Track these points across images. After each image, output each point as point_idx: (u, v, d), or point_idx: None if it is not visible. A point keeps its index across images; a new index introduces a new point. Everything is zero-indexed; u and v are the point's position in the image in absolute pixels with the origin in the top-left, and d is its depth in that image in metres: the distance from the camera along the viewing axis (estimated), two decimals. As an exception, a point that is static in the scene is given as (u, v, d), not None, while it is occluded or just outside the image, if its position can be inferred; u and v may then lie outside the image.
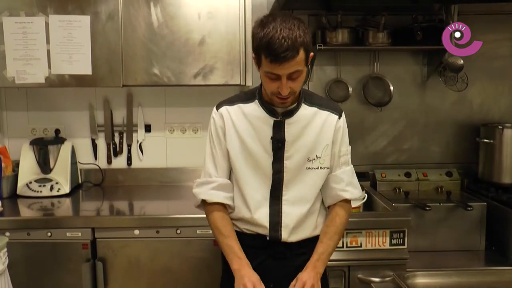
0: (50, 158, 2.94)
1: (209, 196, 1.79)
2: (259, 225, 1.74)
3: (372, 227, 2.42)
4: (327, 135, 1.74)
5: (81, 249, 2.45)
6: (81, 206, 2.85)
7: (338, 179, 1.79)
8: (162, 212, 2.57)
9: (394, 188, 3.07)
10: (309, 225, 1.78)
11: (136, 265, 2.49)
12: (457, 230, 2.74)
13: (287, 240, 1.75)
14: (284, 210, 1.74)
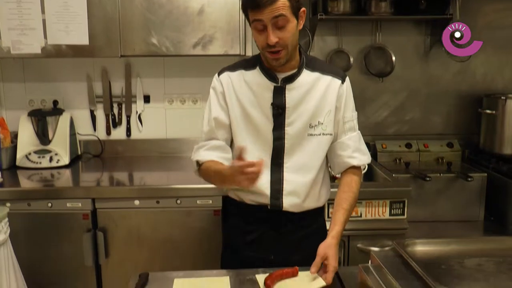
0: (48, 129, 2.94)
1: (201, 157, 1.76)
2: (260, 193, 1.74)
3: (372, 197, 2.44)
4: (329, 101, 1.73)
5: (82, 219, 2.47)
6: (81, 177, 2.86)
7: (344, 146, 1.77)
8: (162, 183, 2.59)
9: (395, 159, 3.08)
10: (313, 195, 1.78)
11: (136, 236, 2.51)
12: (456, 200, 2.77)
13: (288, 209, 1.75)
14: (286, 178, 1.73)
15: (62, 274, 2.53)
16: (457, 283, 1.06)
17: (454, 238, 1.33)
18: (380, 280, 1.21)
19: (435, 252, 1.26)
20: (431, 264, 1.15)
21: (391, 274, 1.15)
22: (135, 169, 2.99)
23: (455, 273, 1.13)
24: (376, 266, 1.27)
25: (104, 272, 2.55)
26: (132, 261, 2.52)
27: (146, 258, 2.52)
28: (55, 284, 2.54)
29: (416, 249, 1.27)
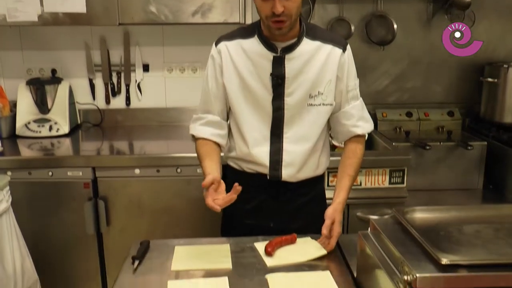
0: (47, 98, 2.92)
1: (196, 132, 1.79)
2: (259, 163, 1.74)
3: (372, 166, 2.44)
4: (330, 70, 1.70)
5: (83, 188, 2.49)
6: (81, 146, 2.86)
7: (348, 115, 1.76)
8: (162, 152, 2.59)
9: (395, 127, 3.07)
10: (312, 165, 1.78)
11: (137, 204, 2.53)
12: (456, 169, 2.78)
13: (288, 180, 1.75)
14: (285, 149, 1.73)
15: (64, 243, 2.56)
16: (456, 249, 1.07)
17: (453, 205, 1.34)
18: (379, 247, 1.22)
19: (434, 219, 1.26)
20: (430, 230, 1.16)
21: (390, 240, 1.16)
22: (135, 138, 2.98)
23: (454, 240, 1.14)
24: (375, 233, 1.28)
25: (105, 240, 2.58)
26: (133, 230, 2.54)
27: (147, 227, 2.55)
28: (58, 252, 2.57)
29: (415, 216, 1.27)
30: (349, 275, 1.44)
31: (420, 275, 0.99)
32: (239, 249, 1.62)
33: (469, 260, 1.01)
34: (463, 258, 1.02)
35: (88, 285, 2.62)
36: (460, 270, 1.00)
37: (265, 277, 1.42)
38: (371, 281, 1.25)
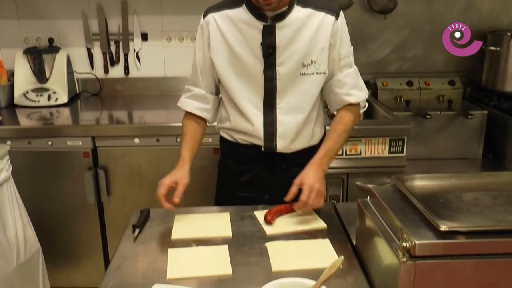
0: (45, 67, 2.90)
1: (181, 104, 1.82)
2: (254, 135, 1.73)
3: (371, 135, 2.44)
4: (323, 38, 1.64)
5: (83, 157, 2.49)
6: (80, 115, 2.85)
7: (341, 84, 1.72)
8: (161, 121, 2.58)
9: (395, 97, 3.06)
10: (306, 135, 1.76)
11: (137, 174, 2.54)
12: (456, 138, 2.77)
13: (282, 151, 1.74)
14: (279, 120, 1.70)
15: (65, 212, 2.58)
16: (454, 216, 1.07)
17: (452, 173, 1.34)
18: (379, 215, 1.23)
19: (433, 187, 1.26)
20: (429, 198, 1.16)
21: (390, 208, 1.16)
22: (134, 107, 2.97)
23: (453, 207, 1.14)
24: (374, 201, 1.28)
25: (106, 210, 2.60)
26: (133, 199, 2.55)
27: (147, 196, 2.55)
28: (59, 221, 2.59)
29: (414, 184, 1.27)
30: (348, 243, 1.45)
31: (418, 242, 0.99)
32: (238, 218, 1.62)
33: (468, 227, 1.02)
34: (461, 225, 1.02)
35: (89, 254, 2.65)
36: (459, 236, 1.01)
37: (265, 245, 1.43)
38: (370, 249, 1.26)
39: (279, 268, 1.31)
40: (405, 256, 1.01)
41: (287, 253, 1.39)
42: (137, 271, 1.32)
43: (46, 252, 2.38)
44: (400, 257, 1.01)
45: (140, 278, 1.29)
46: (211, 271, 1.31)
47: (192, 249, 1.43)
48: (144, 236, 1.51)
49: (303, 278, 1.18)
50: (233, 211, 1.66)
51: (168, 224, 1.58)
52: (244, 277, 1.28)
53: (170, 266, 1.33)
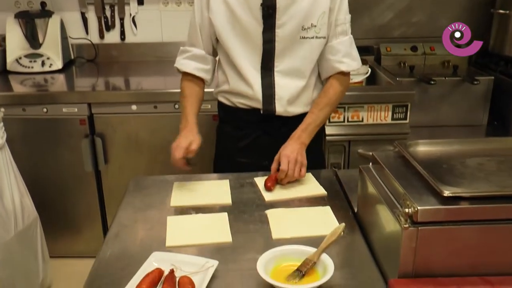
0: (38, 32, 2.86)
1: (180, 65, 1.78)
2: (252, 97, 1.72)
3: (374, 101, 2.42)
4: (323, 2, 1.63)
5: (79, 124, 2.48)
6: (76, 82, 2.83)
7: (334, 50, 1.71)
8: (159, 87, 2.56)
9: (399, 62, 3.03)
10: (305, 100, 1.76)
11: (135, 141, 2.53)
12: (461, 105, 2.75)
13: (282, 114, 1.74)
14: (277, 83, 1.70)
15: (62, 180, 2.59)
16: (458, 182, 1.07)
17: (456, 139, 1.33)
18: (381, 181, 1.23)
19: (437, 153, 1.26)
20: (432, 164, 1.16)
21: (392, 174, 1.16)
22: (131, 73, 2.95)
23: (457, 172, 1.14)
24: (377, 167, 1.28)
25: (104, 178, 2.61)
26: (131, 167, 2.56)
27: (145, 164, 2.56)
28: (56, 190, 2.61)
29: (418, 149, 1.27)
30: (349, 210, 1.46)
31: (421, 207, 0.99)
32: (238, 185, 1.63)
33: (471, 192, 1.02)
34: (465, 190, 1.02)
35: (88, 222, 2.67)
36: (462, 202, 1.01)
37: (265, 213, 1.44)
38: (371, 216, 1.26)
39: (279, 235, 1.32)
40: (407, 222, 1.01)
41: (288, 220, 1.40)
42: (136, 239, 1.33)
43: (44, 221, 2.40)
44: (402, 223, 1.01)
45: (139, 246, 1.30)
46: (210, 239, 1.31)
47: (191, 217, 1.44)
48: (143, 204, 1.52)
49: (303, 245, 1.19)
50: (233, 178, 1.67)
51: (167, 191, 1.58)
52: (244, 245, 1.29)
53: (169, 234, 1.33)
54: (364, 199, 1.34)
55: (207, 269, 1.13)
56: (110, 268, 1.20)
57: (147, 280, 1.08)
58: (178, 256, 1.20)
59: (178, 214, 1.46)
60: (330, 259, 1.12)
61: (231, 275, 1.15)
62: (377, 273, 1.15)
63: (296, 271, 1.11)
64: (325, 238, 1.19)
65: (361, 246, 1.27)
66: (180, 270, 1.13)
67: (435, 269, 1.04)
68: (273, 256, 1.15)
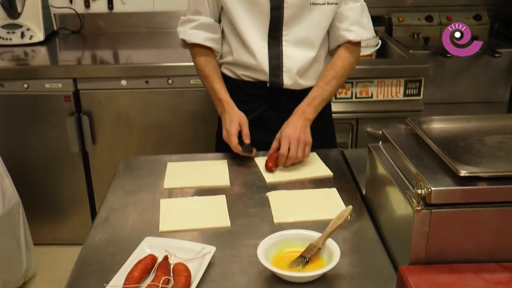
0: (16, 0, 2.83)
1: (188, 36, 1.76)
2: (258, 69, 1.72)
3: (385, 75, 2.42)
4: None
5: (63, 101, 2.48)
6: (59, 55, 2.82)
7: (342, 17, 1.70)
8: (151, 61, 2.56)
9: (413, 33, 3.02)
10: (315, 72, 1.75)
11: (125, 119, 2.54)
12: (480, 80, 2.75)
13: (289, 87, 1.74)
14: (285, 53, 1.70)
15: (46, 162, 2.60)
16: (476, 161, 1.07)
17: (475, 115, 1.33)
18: (391, 160, 1.23)
19: (453, 130, 1.26)
20: (448, 142, 1.16)
21: (404, 153, 1.16)
22: (120, 46, 2.94)
23: (474, 151, 1.14)
24: (387, 145, 1.28)
25: (91, 159, 2.61)
26: (121, 147, 2.56)
27: (136, 144, 2.57)
28: (40, 172, 2.61)
29: (432, 126, 1.27)
30: (357, 193, 1.46)
31: (435, 188, 0.99)
32: (237, 165, 1.63)
33: (490, 172, 1.02)
34: (483, 170, 1.02)
35: (74, 207, 2.69)
36: (480, 183, 1.01)
37: (266, 195, 1.44)
38: (381, 198, 1.27)
39: (282, 219, 1.33)
40: (420, 204, 1.01)
41: (290, 203, 1.40)
42: (127, 223, 1.34)
43: (27, 206, 2.42)
44: (414, 205, 1.01)
45: (130, 231, 1.30)
46: (207, 223, 1.32)
47: (187, 200, 1.45)
48: (134, 186, 1.52)
49: (307, 230, 1.20)
50: (231, 158, 1.67)
51: (160, 172, 1.59)
52: (244, 230, 1.29)
53: (163, 218, 1.34)
54: (373, 180, 1.35)
55: (204, 255, 1.14)
56: (99, 254, 1.20)
57: (139, 267, 1.09)
58: (172, 241, 1.21)
59: (172, 196, 1.46)
60: (336, 245, 1.12)
61: (230, 262, 1.16)
62: (386, 259, 1.16)
63: (300, 258, 1.12)
64: (331, 222, 1.20)
65: (370, 230, 1.28)
66: (174, 257, 1.14)
67: (449, 255, 1.05)
68: (275, 242, 1.16)
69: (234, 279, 1.11)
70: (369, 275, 1.11)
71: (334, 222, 1.20)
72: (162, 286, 1.04)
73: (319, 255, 1.13)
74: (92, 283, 1.10)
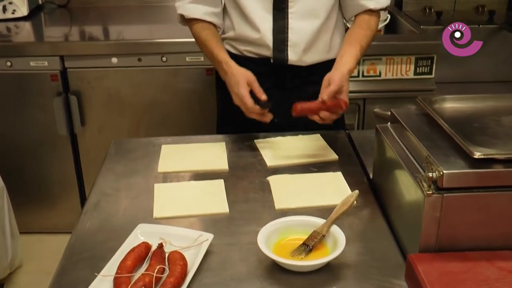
0: (-2, -29, 2.82)
1: (186, 11, 1.74)
2: (261, 43, 1.71)
3: (394, 52, 2.42)
4: None
5: (50, 81, 2.48)
6: (45, 31, 2.82)
7: None
8: (143, 37, 2.56)
9: (424, 7, 3.01)
10: (322, 46, 1.74)
11: (116, 99, 2.54)
12: (496, 57, 2.75)
13: (294, 63, 1.73)
14: (291, 26, 1.68)
15: (32, 146, 2.60)
16: (491, 142, 1.07)
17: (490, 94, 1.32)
18: (401, 142, 1.23)
19: (467, 110, 1.26)
20: (461, 122, 1.16)
21: (414, 134, 1.16)
22: (110, 21, 2.93)
23: (489, 132, 1.14)
24: (396, 126, 1.28)
25: (80, 141, 2.62)
26: (112, 129, 2.57)
27: (128, 125, 2.57)
28: (26, 156, 2.62)
29: (444, 106, 1.26)
30: (364, 177, 1.47)
31: (447, 171, 0.99)
32: (236, 148, 1.64)
33: (506, 154, 1.02)
34: (499, 152, 1.02)
35: (63, 192, 2.70)
36: (495, 165, 1.01)
37: (267, 179, 1.45)
38: (389, 182, 1.27)
39: (283, 205, 1.33)
40: (431, 188, 1.01)
41: (293, 188, 1.41)
42: (119, 209, 1.34)
43: (12, 192, 2.42)
44: (425, 189, 1.01)
45: (122, 217, 1.31)
46: (204, 209, 1.32)
47: (182, 184, 1.45)
48: (127, 169, 1.53)
49: (310, 216, 1.20)
50: (230, 140, 1.68)
51: (154, 155, 1.59)
52: (243, 216, 1.30)
53: (157, 203, 1.35)
54: (381, 163, 1.35)
55: (201, 243, 1.14)
56: (90, 242, 1.21)
57: (133, 256, 1.10)
58: (167, 228, 1.21)
59: (167, 181, 1.46)
60: (341, 232, 1.13)
61: (228, 250, 1.17)
62: (395, 247, 1.17)
63: (302, 246, 1.12)
64: (336, 208, 1.20)
65: (377, 216, 1.28)
66: (170, 245, 1.14)
67: (462, 242, 1.05)
68: (276, 229, 1.16)
69: (233, 268, 1.11)
70: (376, 263, 1.12)
71: (339, 208, 1.20)
72: (157, 275, 1.04)
73: (323, 242, 1.13)
74: (82, 272, 1.10)
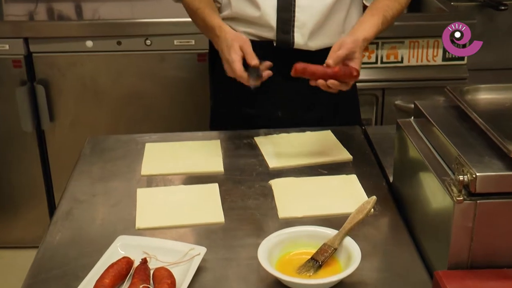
0: None
1: None
2: (263, 24, 1.72)
3: (419, 34, 2.43)
4: None
5: (12, 67, 2.49)
6: (5, 8, 2.81)
7: None
8: (124, 16, 2.56)
9: (455, -20, 3.01)
10: (335, 27, 1.75)
11: (92, 89, 2.55)
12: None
13: (300, 47, 1.73)
14: (298, 3, 1.68)
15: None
16: (533, 140, 1.08)
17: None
18: (426, 139, 1.23)
19: (504, 101, 1.26)
20: (498, 116, 1.16)
21: (442, 130, 1.16)
22: (84, -3, 2.94)
23: (531, 128, 1.15)
24: (421, 121, 1.28)
25: (49, 139, 2.62)
26: (87, 124, 2.58)
27: (105, 120, 2.58)
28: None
29: (478, 97, 1.27)
30: (383, 180, 1.47)
31: (481, 174, 1.00)
32: (233, 146, 1.64)
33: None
34: (542, 151, 1.03)
35: (28, 199, 2.71)
36: (538, 167, 1.02)
37: (269, 183, 1.46)
38: (412, 186, 1.28)
39: (288, 214, 1.34)
40: (462, 193, 1.02)
41: (299, 194, 1.41)
42: (95, 218, 1.35)
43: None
44: (455, 195, 1.02)
45: (99, 227, 1.32)
46: (195, 219, 1.33)
47: (170, 189, 1.46)
48: (105, 172, 1.54)
49: (320, 226, 1.21)
50: (226, 138, 1.68)
51: (137, 155, 1.60)
52: (241, 227, 1.30)
53: (140, 212, 1.35)
54: (403, 165, 1.35)
55: (192, 258, 1.14)
56: (61, 257, 1.21)
57: (112, 273, 1.10)
58: (152, 241, 1.22)
59: (151, 185, 1.47)
60: (356, 245, 1.13)
61: (224, 267, 1.17)
62: (419, 262, 1.17)
63: (311, 261, 1.13)
64: (350, 217, 1.21)
65: (398, 226, 1.29)
66: (155, 260, 1.15)
67: (498, 257, 1.06)
68: (280, 241, 1.17)
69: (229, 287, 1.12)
70: (397, 282, 1.12)
71: (354, 216, 1.21)
72: (140, 295, 1.05)
73: (334, 257, 1.14)
74: (52, 292, 1.11)
